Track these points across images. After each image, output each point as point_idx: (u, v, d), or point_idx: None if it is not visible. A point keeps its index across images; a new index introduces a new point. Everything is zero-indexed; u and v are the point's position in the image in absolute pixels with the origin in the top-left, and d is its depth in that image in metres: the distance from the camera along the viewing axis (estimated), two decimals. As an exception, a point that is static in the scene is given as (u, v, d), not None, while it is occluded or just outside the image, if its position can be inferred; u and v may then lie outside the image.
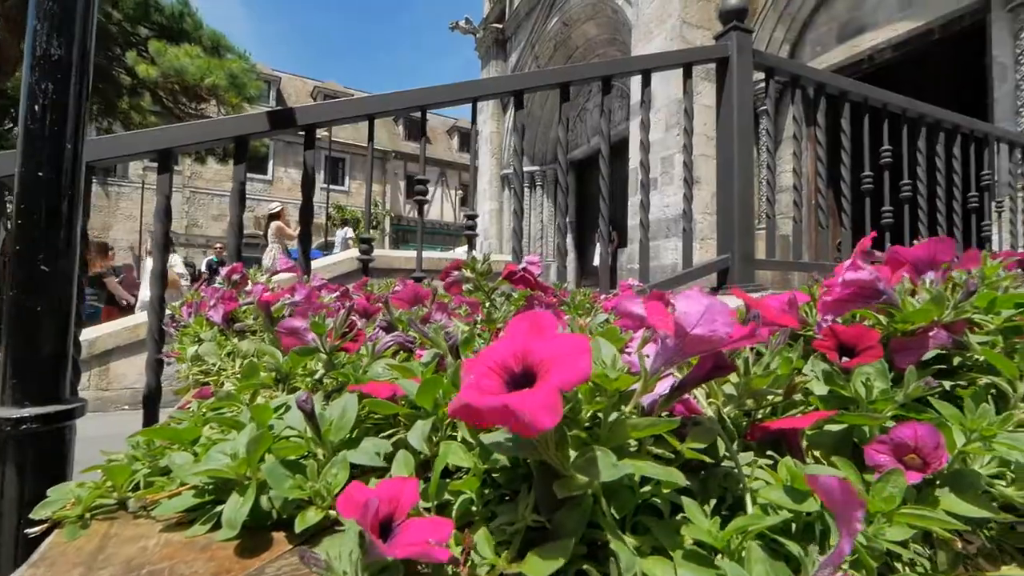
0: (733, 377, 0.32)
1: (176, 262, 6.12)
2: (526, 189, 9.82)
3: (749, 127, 2.10)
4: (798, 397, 0.37)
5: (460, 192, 24.09)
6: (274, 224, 6.43)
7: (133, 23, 12.97)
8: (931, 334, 0.41)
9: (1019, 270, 0.63)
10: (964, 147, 2.76)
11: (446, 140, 25.99)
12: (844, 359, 0.32)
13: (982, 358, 0.41)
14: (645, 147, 2.07)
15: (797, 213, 2.36)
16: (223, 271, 0.90)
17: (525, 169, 9.93)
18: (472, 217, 1.85)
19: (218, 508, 0.34)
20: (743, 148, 2.05)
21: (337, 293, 0.91)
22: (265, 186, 20.84)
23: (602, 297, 1.31)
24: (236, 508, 0.32)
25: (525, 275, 0.88)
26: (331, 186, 19.64)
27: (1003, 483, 0.31)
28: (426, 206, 2.03)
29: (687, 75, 2.14)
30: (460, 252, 15.67)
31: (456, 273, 0.85)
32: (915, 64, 4.97)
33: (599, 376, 0.23)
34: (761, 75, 2.32)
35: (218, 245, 11.16)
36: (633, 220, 5.78)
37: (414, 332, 0.54)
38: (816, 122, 2.38)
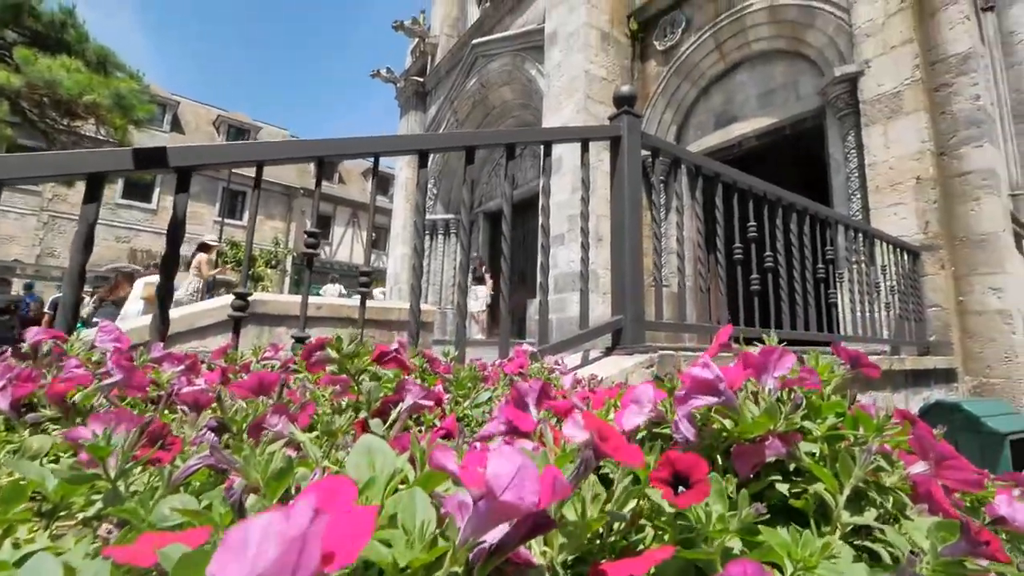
0: (571, 514, 0.30)
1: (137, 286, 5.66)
2: (440, 237, 9.84)
3: (638, 199, 2.29)
4: (645, 522, 0.36)
5: (373, 234, 23.48)
6: (201, 256, 5.99)
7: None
8: (767, 443, 0.43)
9: (849, 367, 0.70)
10: (812, 226, 3.23)
11: (360, 181, 25.51)
12: (680, 489, 0.32)
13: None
14: (546, 212, 2.16)
15: (681, 278, 2.58)
16: (32, 334, 0.73)
17: (441, 217, 10.01)
18: (367, 274, 1.77)
19: None
20: (632, 218, 2.22)
21: (183, 366, 0.79)
22: (147, 215, 18.80)
23: (490, 365, 1.29)
24: None
25: (397, 356, 0.83)
26: (227, 220, 18.18)
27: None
28: (336, 247, 1.92)
29: (584, 149, 2.31)
30: (378, 292, 14.96)
31: (319, 353, 0.78)
32: (775, 150, 5.85)
33: (389, 563, 0.20)
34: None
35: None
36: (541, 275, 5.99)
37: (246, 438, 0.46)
38: (695, 198, 2.66)
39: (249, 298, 5.02)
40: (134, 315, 5.44)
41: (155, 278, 6.32)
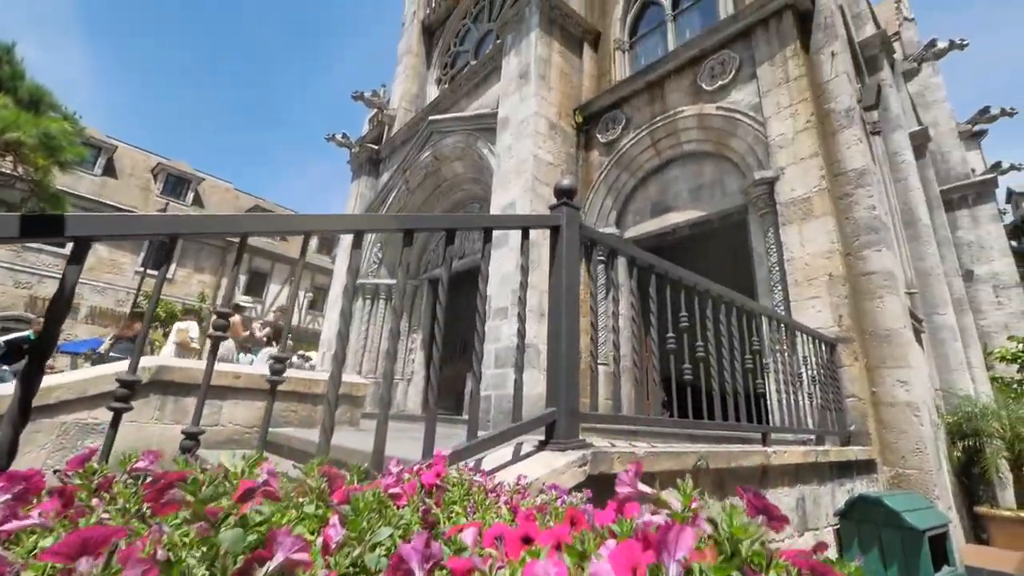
0: None
1: (190, 327, 6.22)
2: (382, 302, 9.58)
3: (576, 292, 2.30)
4: None
5: (311, 294, 22.65)
6: (238, 317, 6.33)
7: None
8: None
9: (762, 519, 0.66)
10: (739, 317, 3.39)
11: (299, 239, 24.93)
12: None
13: None
14: (483, 298, 2.11)
15: (617, 357, 2.57)
16: None
17: (384, 282, 9.80)
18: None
19: None
20: (570, 309, 2.21)
21: (9, 495, 0.61)
22: (58, 260, 17.23)
23: (407, 471, 1.15)
24: None
25: (267, 489, 0.70)
26: (150, 271, 16.96)
27: None
28: (270, 305, 1.73)
29: (525, 236, 2.33)
30: (311, 354, 14.09)
31: (172, 492, 0.64)
32: (707, 239, 6.27)
33: None
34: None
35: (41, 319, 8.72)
36: (486, 346, 5.87)
37: None
38: (632, 288, 2.73)
39: (154, 363, 4.51)
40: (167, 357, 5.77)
41: (188, 324, 6.07)
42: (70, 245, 1.29)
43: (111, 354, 6.16)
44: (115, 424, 1.38)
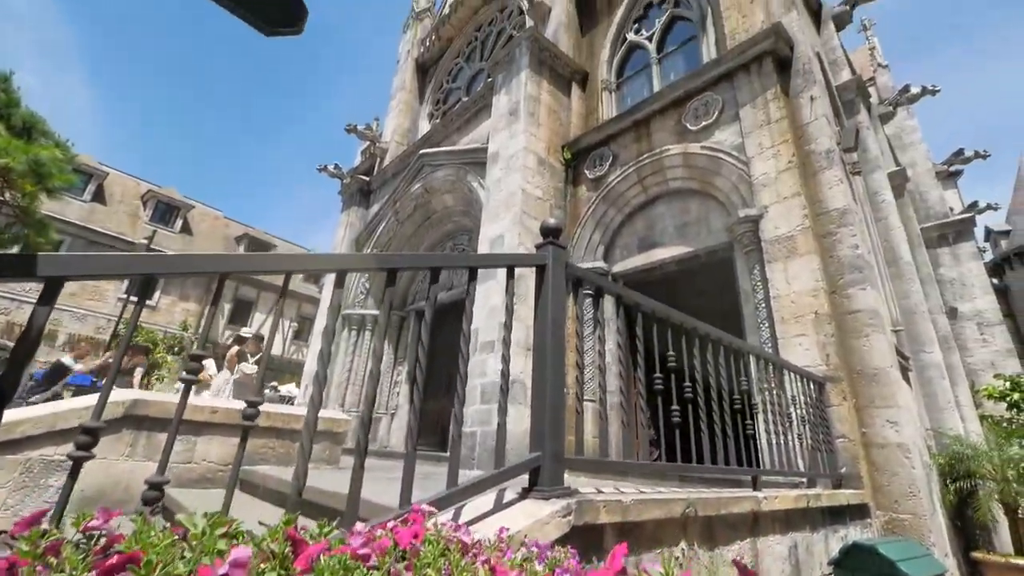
0: None
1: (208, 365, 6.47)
2: (368, 332, 9.44)
3: (561, 331, 2.26)
4: None
5: (295, 324, 22.34)
6: (235, 350, 6.21)
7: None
8: None
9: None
10: (727, 357, 3.36)
11: (294, 267, 24.81)
12: None
13: None
14: (467, 339, 2.06)
15: (602, 409, 2.51)
16: None
17: (370, 312, 9.69)
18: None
19: None
20: (555, 349, 2.17)
21: None
22: (39, 284, 16.88)
23: (380, 529, 1.07)
24: None
25: None
26: (131, 297, 16.68)
27: None
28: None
29: (510, 275, 2.30)
30: (286, 389, 13.79)
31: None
32: (694, 275, 6.31)
33: None
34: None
35: (81, 345, 8.27)
36: (472, 380, 5.76)
37: None
38: (619, 328, 2.70)
39: (128, 397, 4.33)
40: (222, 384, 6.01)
41: (206, 362, 6.02)
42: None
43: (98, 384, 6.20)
44: (74, 474, 1.26)
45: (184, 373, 1.51)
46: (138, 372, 7.12)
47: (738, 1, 6.30)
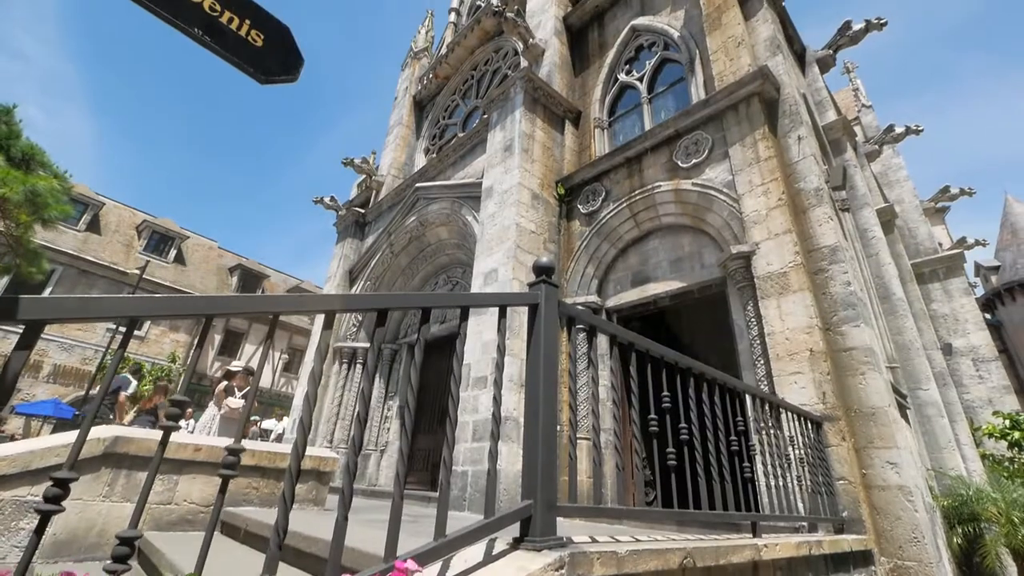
0: None
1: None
2: (359, 366, 9.30)
3: (554, 371, 2.21)
4: None
5: (286, 356, 22.05)
6: (223, 385, 6.08)
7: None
8: None
9: None
10: (723, 396, 3.30)
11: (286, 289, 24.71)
12: None
13: None
14: (457, 380, 2.01)
15: (596, 452, 2.43)
16: None
17: (362, 345, 9.57)
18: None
19: None
20: (547, 392, 2.11)
21: None
22: (28, 318, 16.66)
23: None
24: None
25: None
26: (120, 328, 16.47)
27: None
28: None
29: (502, 315, 2.26)
30: (268, 424, 13.45)
31: None
32: (687, 310, 6.30)
33: None
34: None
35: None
36: (463, 417, 5.63)
37: None
38: (612, 368, 2.65)
39: (109, 434, 4.18)
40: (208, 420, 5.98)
41: (236, 403, 5.86)
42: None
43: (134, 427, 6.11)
44: (40, 531, 1.15)
45: (164, 419, 1.45)
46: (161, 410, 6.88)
47: (725, 45, 6.54)
